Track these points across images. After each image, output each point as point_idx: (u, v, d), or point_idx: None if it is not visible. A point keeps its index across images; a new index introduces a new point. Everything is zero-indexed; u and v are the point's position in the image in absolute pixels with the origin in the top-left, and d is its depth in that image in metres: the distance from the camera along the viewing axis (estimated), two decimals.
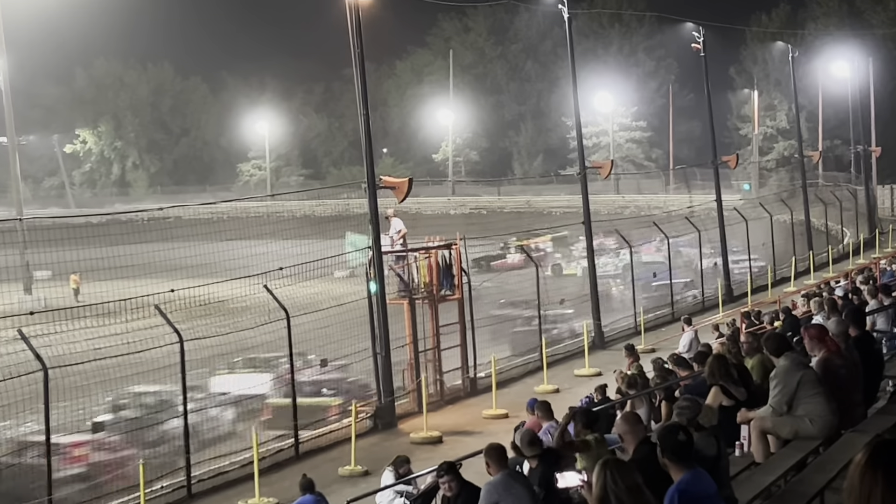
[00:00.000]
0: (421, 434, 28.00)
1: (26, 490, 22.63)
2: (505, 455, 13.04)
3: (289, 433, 27.33)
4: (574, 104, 45.09)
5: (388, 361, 30.27)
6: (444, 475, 13.64)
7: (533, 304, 38.43)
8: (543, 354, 34.39)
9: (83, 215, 43.94)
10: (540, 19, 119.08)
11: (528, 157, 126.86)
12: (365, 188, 30.85)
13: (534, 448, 14.30)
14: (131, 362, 27.19)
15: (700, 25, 53.28)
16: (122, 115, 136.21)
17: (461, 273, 33.17)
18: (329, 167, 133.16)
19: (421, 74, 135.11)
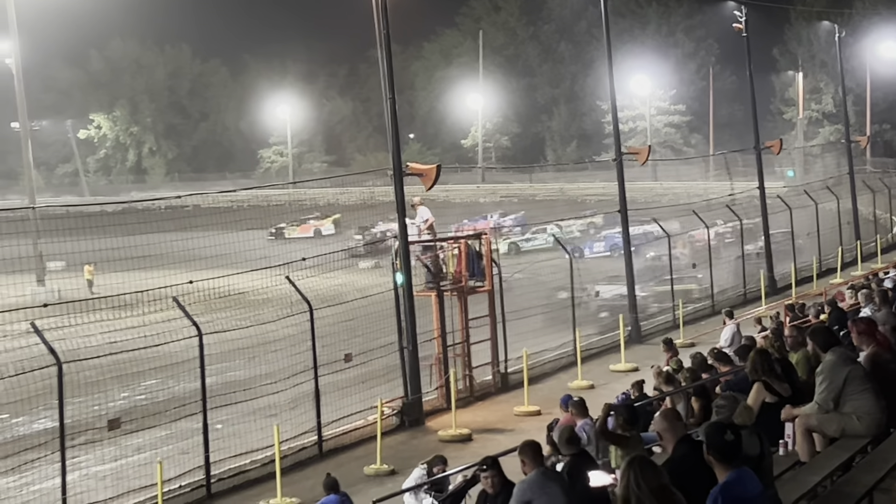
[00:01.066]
0: (449, 432, 27.99)
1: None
2: (540, 452, 13.05)
3: (313, 429, 27.37)
4: (610, 87, 44.88)
5: (416, 356, 30.24)
6: (488, 470, 13.64)
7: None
8: (577, 348, 34.32)
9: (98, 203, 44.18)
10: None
11: (562, 142, 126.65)
12: (391, 175, 30.80)
13: (571, 446, 14.32)
14: (148, 357, 27.27)
15: (742, 4, 53.02)
16: (139, 99, 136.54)
17: (491, 263, 33.10)
18: (354, 153, 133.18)
19: (450, 56, 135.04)
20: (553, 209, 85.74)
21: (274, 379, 30.03)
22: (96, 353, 24.72)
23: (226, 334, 27.73)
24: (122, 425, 24.93)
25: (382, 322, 31.50)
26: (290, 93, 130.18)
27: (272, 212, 71.98)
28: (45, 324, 23.22)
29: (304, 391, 28.46)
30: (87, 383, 25.27)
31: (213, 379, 26.87)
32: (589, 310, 42.56)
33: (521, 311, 36.58)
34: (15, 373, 23.10)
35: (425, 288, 31.66)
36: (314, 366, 27.74)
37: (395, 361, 30.70)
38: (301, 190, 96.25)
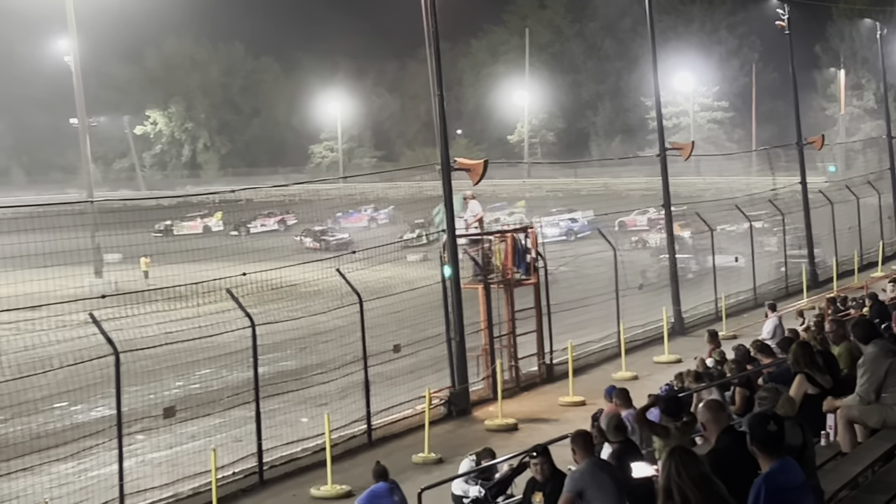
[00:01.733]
0: (496, 421, 28.00)
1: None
2: (591, 442, 13.00)
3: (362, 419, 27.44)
4: (654, 83, 44.74)
5: (463, 347, 30.27)
6: (538, 457, 13.64)
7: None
8: (622, 340, 34.27)
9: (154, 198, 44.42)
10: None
11: (606, 137, 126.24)
12: (439, 170, 30.82)
13: (619, 434, 14.31)
14: (202, 347, 27.41)
15: (785, 2, 52.70)
16: (193, 95, 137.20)
17: (537, 257, 33.07)
18: (402, 148, 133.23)
19: (496, 53, 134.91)
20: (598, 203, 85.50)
21: (324, 369, 30.15)
22: (152, 343, 24.87)
23: (278, 325, 27.85)
24: (177, 413, 25.06)
25: (430, 314, 31.54)
26: (341, 89, 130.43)
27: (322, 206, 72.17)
28: (102, 314, 23.38)
29: (354, 381, 28.54)
30: (143, 372, 25.45)
31: (265, 368, 27.01)
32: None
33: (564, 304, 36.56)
34: (74, 362, 23.28)
35: (472, 280, 31.67)
36: (364, 356, 27.80)
37: (442, 352, 30.73)
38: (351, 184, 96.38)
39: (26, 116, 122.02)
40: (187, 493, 23.20)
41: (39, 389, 24.99)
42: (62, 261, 31.42)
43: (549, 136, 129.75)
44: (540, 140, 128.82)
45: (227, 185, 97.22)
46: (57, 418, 29.61)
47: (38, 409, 28.34)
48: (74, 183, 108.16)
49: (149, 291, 31.19)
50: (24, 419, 27.52)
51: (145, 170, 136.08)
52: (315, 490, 23.38)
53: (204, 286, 27.28)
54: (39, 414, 28.79)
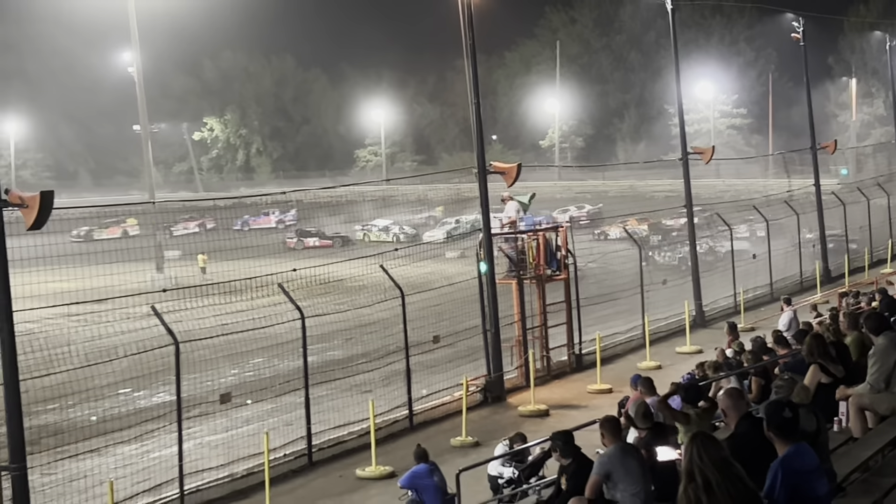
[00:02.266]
0: (528, 407, 27.98)
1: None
2: (619, 428, 12.97)
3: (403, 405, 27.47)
4: (677, 92, 44.67)
5: (498, 338, 30.27)
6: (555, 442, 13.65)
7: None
8: (646, 332, 34.17)
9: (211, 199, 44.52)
10: (643, 11, 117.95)
11: (632, 142, 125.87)
12: (476, 173, 30.83)
13: (646, 420, 14.27)
14: (255, 337, 27.52)
15: (799, 16, 52.50)
16: (247, 104, 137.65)
17: (567, 254, 33.01)
18: (441, 153, 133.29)
19: (529, 64, 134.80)
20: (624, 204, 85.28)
21: (369, 358, 30.21)
22: (209, 333, 24.96)
23: (325, 317, 27.92)
24: (233, 399, 25.17)
25: (467, 307, 31.56)
26: (384, 98, 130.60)
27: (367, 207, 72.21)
28: (163, 307, 23.49)
29: (397, 370, 28.60)
30: (200, 361, 25.52)
31: (314, 358, 27.07)
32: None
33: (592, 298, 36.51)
34: (137, 351, 23.41)
35: (507, 276, 31.64)
36: (405, 346, 27.84)
37: (478, 343, 30.76)
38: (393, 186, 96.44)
39: (93, 124, 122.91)
40: (242, 473, 23.30)
41: (105, 377, 25.16)
42: (126, 258, 31.60)
43: (578, 142, 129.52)
44: (570, 145, 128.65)
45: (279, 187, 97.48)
46: (121, 403, 29.79)
47: (103, 395, 28.55)
48: (137, 185, 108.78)
49: (206, 286, 31.27)
50: (91, 404, 27.74)
51: (203, 173, 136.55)
52: (360, 471, 23.43)
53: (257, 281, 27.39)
54: (105, 399, 28.99)
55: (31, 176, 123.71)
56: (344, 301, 31.83)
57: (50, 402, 25.58)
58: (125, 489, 21.40)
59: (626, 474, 12.04)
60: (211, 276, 47.83)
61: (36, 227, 17.97)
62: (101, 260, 29.35)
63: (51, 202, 18.07)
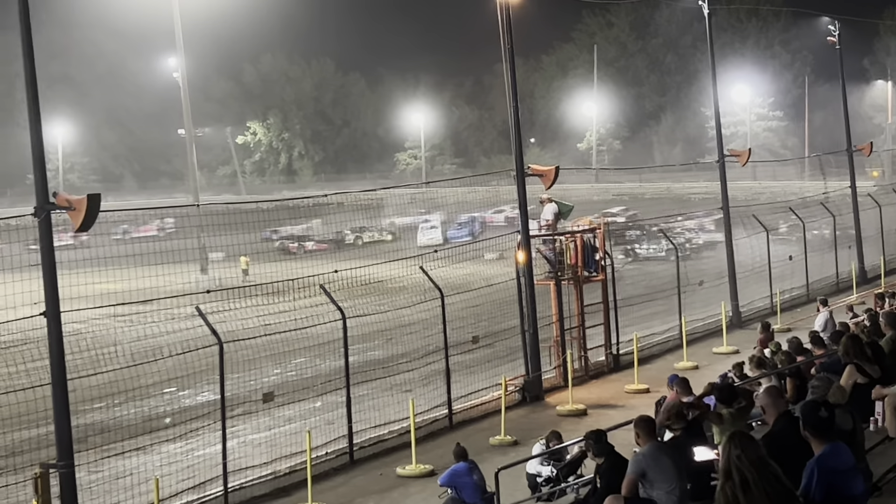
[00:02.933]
0: (566, 407, 27.94)
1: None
2: (654, 427, 12.96)
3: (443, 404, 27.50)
4: (713, 95, 44.51)
5: (536, 338, 30.25)
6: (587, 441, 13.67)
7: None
8: (683, 332, 34.04)
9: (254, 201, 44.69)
10: (680, 15, 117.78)
11: (668, 145, 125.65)
12: (514, 176, 30.83)
13: (680, 421, 14.24)
14: (297, 337, 27.60)
15: (835, 19, 52.21)
16: (288, 108, 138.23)
17: (605, 256, 32.97)
18: (479, 156, 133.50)
19: (566, 68, 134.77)
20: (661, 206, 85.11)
21: (409, 358, 30.23)
22: (252, 334, 25.05)
23: (366, 318, 27.96)
24: (275, 398, 25.25)
25: (506, 308, 31.56)
26: (423, 102, 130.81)
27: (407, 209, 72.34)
28: (207, 308, 23.58)
29: (436, 369, 28.62)
30: (244, 361, 25.65)
31: (354, 358, 27.11)
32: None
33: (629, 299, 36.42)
34: (182, 351, 23.53)
35: (545, 277, 31.63)
36: (445, 347, 27.84)
37: (517, 343, 30.76)
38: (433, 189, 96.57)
39: (138, 128, 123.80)
40: (284, 471, 23.37)
41: (151, 376, 25.32)
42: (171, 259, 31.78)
43: (615, 144, 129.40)
44: (607, 147, 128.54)
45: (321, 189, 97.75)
46: (166, 402, 29.97)
47: (149, 394, 28.72)
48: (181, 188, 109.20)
49: (249, 287, 31.42)
50: (137, 403, 27.92)
51: (246, 176, 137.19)
52: (401, 469, 23.47)
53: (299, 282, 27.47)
54: (151, 398, 29.17)
55: (78, 179, 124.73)
56: (384, 302, 31.88)
57: (97, 400, 25.75)
58: (170, 486, 21.50)
59: (661, 473, 12.04)
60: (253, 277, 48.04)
61: (83, 229, 18.16)
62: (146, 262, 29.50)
63: (97, 205, 18.23)
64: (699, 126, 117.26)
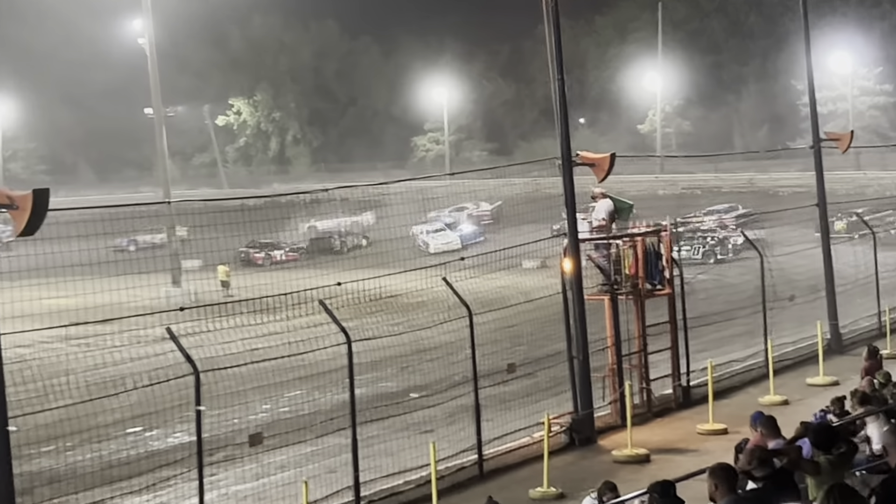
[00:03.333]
0: (624, 451, 27.90)
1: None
2: (735, 477, 12.90)
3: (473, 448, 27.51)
4: (807, 64, 44.34)
5: (587, 367, 30.16)
6: (651, 494, 13.62)
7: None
8: (769, 359, 33.94)
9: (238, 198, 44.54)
10: None
11: (751, 127, 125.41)
12: (559, 165, 30.77)
13: (766, 468, 14.16)
14: (292, 365, 27.68)
15: None
16: (281, 81, 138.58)
17: (672, 264, 32.89)
18: (517, 140, 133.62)
19: (624, 31, 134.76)
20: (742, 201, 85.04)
21: (429, 391, 30.28)
22: (236, 361, 25.14)
23: (377, 341, 28.02)
24: (265, 440, 25.31)
25: (549, 328, 31.55)
26: (447, 73, 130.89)
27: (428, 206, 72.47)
28: (181, 329, 23.64)
29: (463, 405, 28.64)
30: (226, 394, 25.72)
31: (362, 390, 27.20)
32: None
33: (703, 318, 36.36)
34: (149, 382, 23.62)
35: (598, 290, 31.57)
36: (474, 377, 27.82)
37: (563, 373, 30.71)
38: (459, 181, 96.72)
39: (95, 106, 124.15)
40: None
41: (112, 412, 25.45)
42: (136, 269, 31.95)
43: (684, 126, 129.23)
44: (675, 130, 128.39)
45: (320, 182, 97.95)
46: (130, 445, 30.07)
47: (109, 435, 28.83)
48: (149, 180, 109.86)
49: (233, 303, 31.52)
50: (95, 446, 28.01)
51: (228, 165, 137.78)
52: None
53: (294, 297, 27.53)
54: (111, 440, 29.28)
55: (23, 170, 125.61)
56: (399, 321, 31.95)
57: (45, 443, 25.86)
58: None
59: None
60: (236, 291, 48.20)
61: (27, 232, 18.16)
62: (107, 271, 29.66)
63: (46, 203, 18.28)
64: (789, 103, 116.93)
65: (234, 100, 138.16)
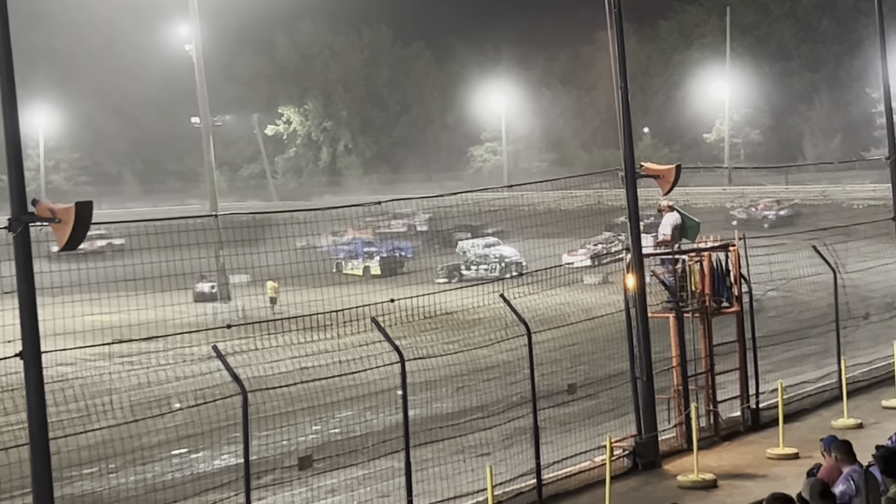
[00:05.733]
0: (690, 477, 27.78)
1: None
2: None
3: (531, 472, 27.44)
4: (882, 71, 44.01)
5: (651, 387, 30.05)
6: None
7: None
8: (843, 380, 33.70)
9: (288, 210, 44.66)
10: None
11: (823, 136, 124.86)
12: (622, 177, 30.68)
13: (826, 502, 14.06)
14: (343, 385, 27.70)
15: None
16: (332, 89, 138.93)
17: (740, 281, 32.73)
18: (577, 150, 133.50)
19: (690, 37, 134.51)
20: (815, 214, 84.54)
21: (486, 412, 30.22)
22: (285, 380, 25.17)
23: (431, 360, 27.99)
24: (314, 463, 25.33)
25: (611, 348, 31.43)
26: (505, 81, 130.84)
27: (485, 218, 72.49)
28: (228, 347, 23.69)
29: (521, 426, 28.59)
30: (274, 415, 25.77)
31: (416, 411, 27.18)
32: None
33: (773, 337, 36.11)
34: (195, 402, 23.68)
35: (662, 308, 31.45)
36: (533, 397, 27.76)
37: (626, 394, 30.60)
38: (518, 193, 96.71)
39: (140, 116, 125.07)
40: None
41: (156, 434, 25.53)
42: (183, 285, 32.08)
43: (753, 135, 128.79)
44: (743, 140, 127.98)
45: (372, 193, 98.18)
46: (175, 467, 30.17)
47: (153, 457, 28.93)
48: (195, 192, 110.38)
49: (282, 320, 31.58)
50: (139, 468, 28.13)
51: (277, 177, 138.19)
52: None
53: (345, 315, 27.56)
54: (155, 462, 29.38)
55: (65, 181, 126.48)
56: (455, 339, 31.92)
57: (87, 465, 25.97)
58: None
59: None
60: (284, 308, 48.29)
61: (70, 247, 18.16)
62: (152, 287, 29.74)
63: (89, 215, 18.30)
64: (864, 111, 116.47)
65: (283, 108, 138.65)
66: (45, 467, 19.06)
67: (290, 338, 28.04)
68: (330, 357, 27.48)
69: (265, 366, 24.87)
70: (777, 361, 35.24)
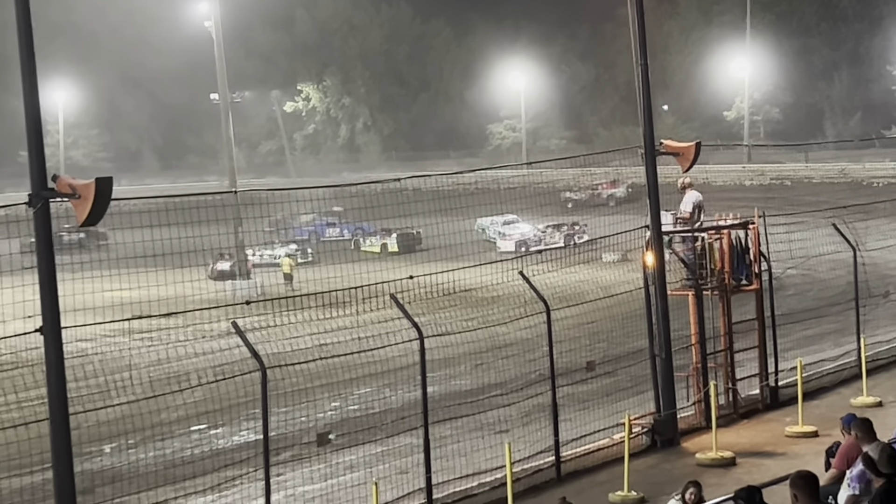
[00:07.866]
0: (709, 454, 27.75)
1: None
2: (817, 486, 12.74)
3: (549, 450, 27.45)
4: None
5: (670, 365, 30.01)
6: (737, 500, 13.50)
7: None
8: (862, 359, 33.64)
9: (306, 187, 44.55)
10: None
11: (844, 114, 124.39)
12: (642, 154, 30.62)
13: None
14: (361, 362, 27.72)
15: None
16: (351, 65, 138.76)
17: (760, 259, 32.67)
18: (597, 128, 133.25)
19: (710, 14, 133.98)
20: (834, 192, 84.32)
21: (504, 389, 30.23)
22: (303, 357, 25.19)
23: (450, 337, 27.99)
24: (333, 440, 25.37)
25: (630, 325, 31.41)
26: (524, 58, 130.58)
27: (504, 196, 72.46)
28: (247, 323, 23.71)
29: (540, 404, 28.57)
30: (293, 392, 25.80)
31: (435, 388, 27.21)
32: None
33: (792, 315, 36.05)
34: (214, 378, 23.72)
35: (682, 286, 31.41)
36: (551, 375, 27.75)
37: (644, 371, 30.58)
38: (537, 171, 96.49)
39: (159, 92, 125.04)
40: None
41: (175, 409, 25.58)
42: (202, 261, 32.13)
43: (773, 113, 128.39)
44: (763, 118, 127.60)
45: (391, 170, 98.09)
46: (194, 443, 30.25)
47: (172, 433, 29.01)
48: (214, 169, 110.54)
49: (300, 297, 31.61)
50: (158, 444, 28.21)
51: (296, 153, 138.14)
52: None
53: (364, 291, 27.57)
54: (175, 438, 29.46)
55: (84, 157, 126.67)
56: (473, 317, 31.91)
57: (106, 441, 26.07)
58: None
59: None
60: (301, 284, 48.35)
61: (90, 222, 18.23)
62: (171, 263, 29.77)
63: (109, 192, 18.33)
64: (884, 89, 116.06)
65: (302, 85, 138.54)
66: (65, 443, 19.12)
67: (308, 314, 28.09)
68: (349, 334, 27.50)
69: (284, 342, 24.90)
70: (796, 339, 35.15)
